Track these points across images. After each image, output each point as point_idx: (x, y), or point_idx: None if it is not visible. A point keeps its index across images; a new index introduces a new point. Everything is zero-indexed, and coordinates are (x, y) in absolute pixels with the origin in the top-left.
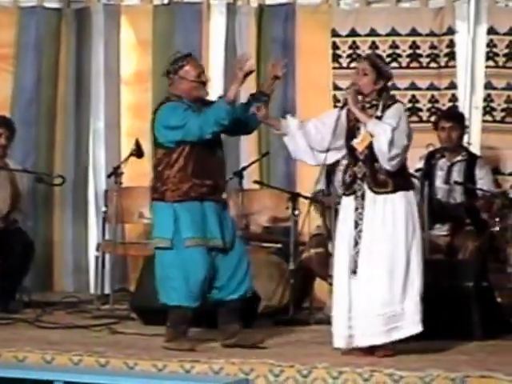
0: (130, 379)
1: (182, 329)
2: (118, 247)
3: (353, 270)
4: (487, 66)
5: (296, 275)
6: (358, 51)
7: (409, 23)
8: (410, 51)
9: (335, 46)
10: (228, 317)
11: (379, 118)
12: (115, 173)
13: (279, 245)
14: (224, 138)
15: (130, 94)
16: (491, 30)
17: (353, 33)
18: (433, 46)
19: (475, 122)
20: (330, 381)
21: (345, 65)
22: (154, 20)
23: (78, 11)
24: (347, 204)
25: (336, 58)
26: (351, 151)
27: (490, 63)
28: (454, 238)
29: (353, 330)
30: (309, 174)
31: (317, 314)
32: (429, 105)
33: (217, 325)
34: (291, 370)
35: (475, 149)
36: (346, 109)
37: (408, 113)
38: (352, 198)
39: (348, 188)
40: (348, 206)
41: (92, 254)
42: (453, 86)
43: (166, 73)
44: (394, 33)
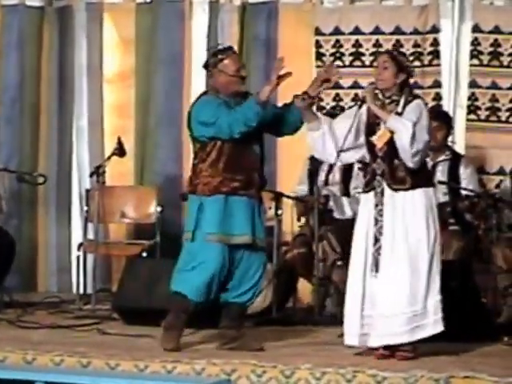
0: (111, 380)
1: (182, 318)
2: (100, 247)
3: (374, 268)
4: (472, 65)
5: (279, 275)
6: (342, 50)
7: (393, 21)
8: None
9: (318, 45)
10: (230, 321)
11: (399, 115)
12: (97, 172)
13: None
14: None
15: (113, 93)
16: (476, 28)
17: (336, 31)
18: (416, 45)
19: (459, 120)
20: (313, 381)
21: (328, 63)
22: (136, 18)
23: (61, 9)
24: (366, 201)
25: (319, 56)
26: (371, 148)
27: (475, 61)
28: None
29: (368, 328)
30: (289, 173)
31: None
32: None
33: (211, 327)
34: (274, 370)
35: (459, 148)
36: (366, 106)
37: None
38: (371, 194)
39: (367, 185)
40: (367, 203)
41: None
42: (437, 84)
43: (205, 65)
44: (377, 31)
